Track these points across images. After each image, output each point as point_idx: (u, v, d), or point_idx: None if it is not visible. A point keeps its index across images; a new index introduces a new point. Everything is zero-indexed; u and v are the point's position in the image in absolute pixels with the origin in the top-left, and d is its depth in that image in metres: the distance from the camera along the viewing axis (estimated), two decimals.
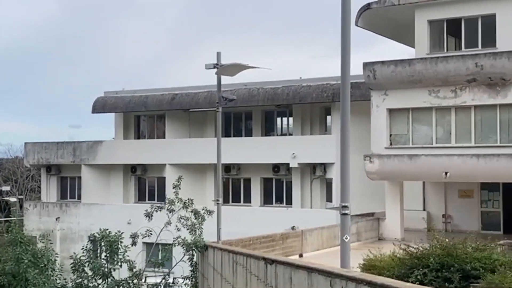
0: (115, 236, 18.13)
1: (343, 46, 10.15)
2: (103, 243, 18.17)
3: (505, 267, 11.40)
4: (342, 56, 10.23)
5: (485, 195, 26.32)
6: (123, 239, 18.24)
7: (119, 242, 18.08)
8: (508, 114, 21.73)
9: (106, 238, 18.07)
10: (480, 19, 25.75)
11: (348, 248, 10.08)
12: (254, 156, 30.82)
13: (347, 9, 10.04)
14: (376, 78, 23.45)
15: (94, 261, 18.08)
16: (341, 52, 10.24)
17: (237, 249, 15.36)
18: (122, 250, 18.11)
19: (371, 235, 24.07)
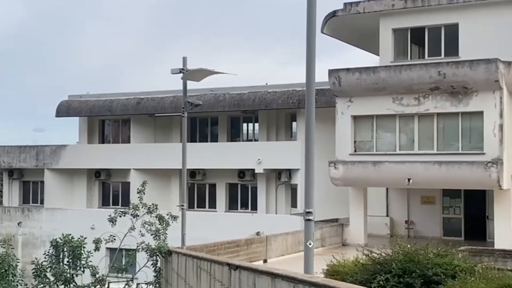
0: (78, 241, 17.93)
1: (309, 53, 10.23)
2: (66, 248, 17.94)
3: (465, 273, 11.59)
4: (307, 63, 10.32)
5: (447, 201, 26.73)
6: (86, 244, 18.04)
7: (82, 247, 17.87)
8: (470, 122, 22.13)
9: (68, 243, 17.86)
10: (443, 28, 26.25)
11: (311, 254, 10.15)
12: (220, 161, 30.80)
13: (312, 17, 10.13)
14: (341, 85, 23.67)
15: (56, 267, 17.84)
16: (306, 59, 10.33)
17: (201, 255, 15.32)
18: (85, 255, 17.90)
19: (335, 240, 24.24)
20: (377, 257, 12.87)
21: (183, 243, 17.71)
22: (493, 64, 21.18)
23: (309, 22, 10.16)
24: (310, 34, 10.18)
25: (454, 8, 25.74)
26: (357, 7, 27.31)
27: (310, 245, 10.07)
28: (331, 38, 30.25)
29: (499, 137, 21.16)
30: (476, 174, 21.30)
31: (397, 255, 12.56)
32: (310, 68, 10.27)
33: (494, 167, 20.93)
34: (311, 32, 10.17)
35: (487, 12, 25.27)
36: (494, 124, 21.26)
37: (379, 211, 27.16)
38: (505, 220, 21.75)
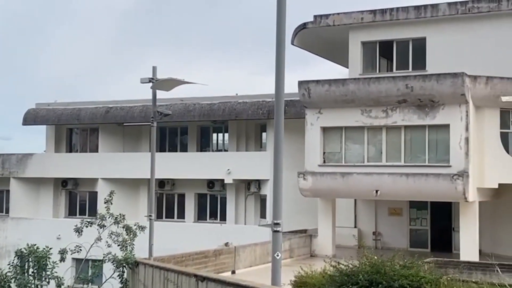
0: (43, 251, 17.64)
1: (278, 64, 10.29)
2: (31, 258, 17.63)
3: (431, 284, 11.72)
4: (276, 74, 10.37)
5: (413, 213, 27.02)
6: (51, 255, 17.77)
7: (48, 258, 17.59)
8: (436, 135, 22.43)
9: (34, 253, 17.55)
10: (411, 42, 26.67)
11: (279, 265, 10.16)
12: (189, 171, 30.68)
13: (282, 28, 10.20)
14: (311, 97, 23.81)
15: (21, 277, 17.51)
16: (275, 70, 10.38)
17: (168, 266, 15.23)
18: (50, 266, 17.62)
19: (303, 251, 24.29)
20: (344, 269, 12.93)
21: (150, 254, 17.56)
22: (459, 78, 21.52)
23: (278, 34, 10.22)
24: (279, 45, 10.24)
25: (421, 22, 26.20)
26: (327, 19, 27.60)
27: (277, 256, 10.08)
28: (301, 49, 30.51)
29: (465, 150, 21.48)
30: (442, 186, 21.57)
31: (364, 266, 12.64)
32: (279, 80, 10.33)
33: (460, 179, 21.22)
34: (280, 43, 10.23)
35: (454, 27, 25.77)
36: (460, 137, 21.58)
37: (347, 222, 27.32)
38: (470, 232, 22.03)
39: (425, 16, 26.03)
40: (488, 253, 22.88)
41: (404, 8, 26.33)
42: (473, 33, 25.56)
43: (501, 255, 22.84)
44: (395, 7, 26.47)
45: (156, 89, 17.93)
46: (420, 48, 26.48)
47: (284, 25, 10.20)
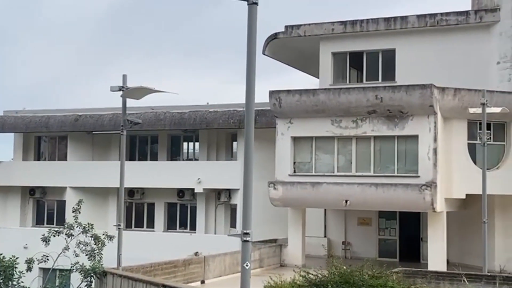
0: (9, 261, 17.41)
1: (248, 74, 10.27)
2: None
3: None
4: (247, 84, 10.35)
5: (382, 223, 27.23)
6: (18, 264, 17.50)
7: (14, 267, 17.33)
8: (405, 145, 22.65)
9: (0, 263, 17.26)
10: (381, 53, 26.99)
11: (248, 275, 10.11)
12: (159, 180, 30.50)
13: (253, 38, 10.19)
14: (282, 107, 23.88)
15: None
16: (246, 80, 10.36)
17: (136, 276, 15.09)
18: (16, 275, 17.37)
19: (273, 261, 24.27)
20: (313, 278, 12.95)
21: (118, 263, 17.38)
22: (428, 89, 21.80)
23: (249, 44, 10.21)
24: (250, 55, 10.23)
25: (391, 34, 26.53)
26: (298, 30, 27.79)
27: (247, 266, 10.02)
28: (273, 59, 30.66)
29: (433, 161, 21.73)
30: (411, 197, 21.77)
31: (333, 276, 12.68)
32: (250, 89, 10.31)
33: (428, 190, 21.45)
34: (251, 53, 10.23)
35: (423, 39, 26.16)
36: (428, 147, 21.83)
37: (317, 232, 27.40)
38: (438, 242, 22.25)
39: (394, 28, 26.38)
40: (455, 263, 23.17)
41: (374, 20, 26.65)
42: (441, 45, 25.97)
43: (468, 265, 23.16)
44: (366, 18, 26.78)
45: (126, 98, 17.81)
46: (389, 59, 26.81)
47: (255, 35, 10.20)
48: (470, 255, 23.97)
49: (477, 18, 25.33)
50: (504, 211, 23.95)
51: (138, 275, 16.10)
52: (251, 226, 10.11)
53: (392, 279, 13.25)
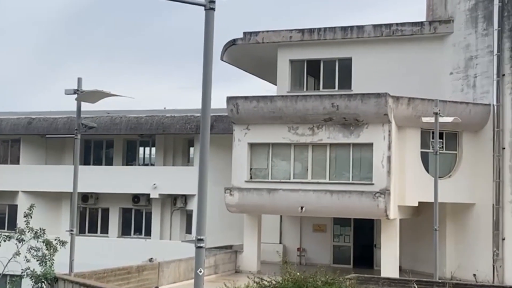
0: None
1: (205, 79, 10.25)
2: None
3: None
4: (203, 89, 10.32)
5: (337, 229, 27.46)
6: None
7: None
8: (360, 153, 22.91)
9: None
10: (338, 61, 27.30)
11: (202, 282, 10.07)
12: (114, 185, 30.17)
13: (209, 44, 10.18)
14: (239, 113, 23.90)
15: None
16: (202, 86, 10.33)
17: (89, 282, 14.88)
18: None
19: (228, 267, 24.22)
20: (267, 285, 12.97)
21: (71, 269, 17.11)
22: (382, 98, 22.11)
23: (206, 50, 10.20)
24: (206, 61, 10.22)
25: (348, 43, 26.87)
26: (256, 37, 27.90)
27: (200, 273, 9.99)
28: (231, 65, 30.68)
29: (387, 169, 22.03)
30: (365, 204, 22.02)
31: (287, 282, 12.72)
32: (206, 95, 10.29)
33: (382, 197, 21.73)
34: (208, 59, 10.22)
35: (379, 48, 26.56)
36: (382, 155, 22.13)
37: (272, 238, 27.45)
38: (391, 249, 22.54)
39: (351, 37, 26.71)
40: (408, 269, 23.49)
41: (331, 29, 26.94)
42: (397, 54, 26.40)
43: (420, 272, 23.52)
44: (323, 27, 27.05)
45: (81, 101, 17.57)
46: (346, 67, 27.13)
47: (211, 41, 10.19)
48: (422, 262, 24.36)
49: (431, 29, 25.85)
50: (456, 218, 24.43)
51: (90, 281, 15.86)
52: (205, 232, 10.09)
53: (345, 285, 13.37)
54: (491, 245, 23.11)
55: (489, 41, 24.09)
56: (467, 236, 24.07)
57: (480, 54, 24.41)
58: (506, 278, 22.59)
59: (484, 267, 23.07)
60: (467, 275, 23.07)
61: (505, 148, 23.33)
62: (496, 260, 22.96)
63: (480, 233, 23.62)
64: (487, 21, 24.30)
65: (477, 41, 24.56)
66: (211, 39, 10.21)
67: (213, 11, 10.03)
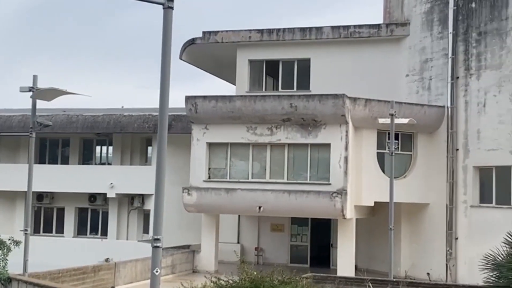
0: None
1: (163, 78, 10.20)
2: None
3: None
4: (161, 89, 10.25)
5: (294, 229, 27.65)
6: None
7: None
8: (318, 154, 23.12)
9: None
10: (296, 62, 27.50)
11: (158, 282, 10.01)
12: (70, 184, 29.76)
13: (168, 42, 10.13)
14: (198, 112, 23.84)
15: None
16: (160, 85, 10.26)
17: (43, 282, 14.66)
18: None
19: (185, 267, 24.14)
20: (224, 284, 12.98)
21: (25, 269, 16.82)
22: (340, 99, 22.36)
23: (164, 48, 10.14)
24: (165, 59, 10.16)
25: (306, 44, 27.08)
26: (216, 36, 27.89)
27: (157, 272, 9.93)
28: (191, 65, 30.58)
29: (344, 169, 22.28)
30: (322, 204, 22.22)
31: (244, 282, 12.74)
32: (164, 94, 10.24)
33: (338, 197, 21.96)
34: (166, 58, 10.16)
35: (337, 50, 26.85)
36: (340, 156, 22.37)
37: (230, 238, 27.48)
38: (347, 248, 22.82)
39: (310, 38, 26.93)
40: (363, 268, 23.80)
41: (290, 29, 27.11)
42: (354, 56, 26.73)
43: (375, 271, 23.89)
44: (282, 28, 27.19)
45: (36, 99, 17.28)
46: (304, 68, 27.34)
47: (170, 40, 10.14)
48: (378, 261, 24.73)
49: (388, 31, 26.25)
50: (410, 218, 24.86)
51: (45, 281, 15.63)
52: (162, 232, 10.04)
53: (302, 285, 13.46)
54: (445, 244, 23.60)
55: (444, 44, 24.59)
56: (422, 236, 24.53)
57: (435, 57, 24.90)
58: (459, 276, 23.09)
59: (438, 266, 23.55)
60: (421, 274, 23.52)
61: (458, 149, 23.84)
62: (449, 259, 23.46)
63: (434, 232, 24.09)
64: (442, 24, 24.79)
65: (433, 44, 25.05)
66: (169, 38, 10.15)
67: (171, 10, 9.98)
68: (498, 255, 10.42)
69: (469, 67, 23.73)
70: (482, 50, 23.39)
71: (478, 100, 23.40)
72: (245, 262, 14.54)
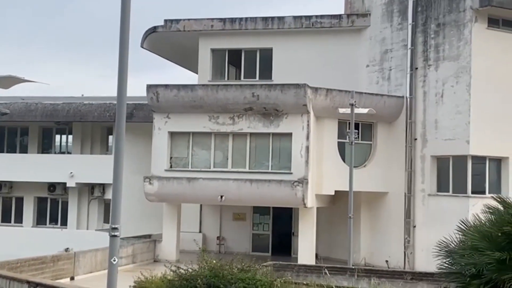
0: None
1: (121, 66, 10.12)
2: None
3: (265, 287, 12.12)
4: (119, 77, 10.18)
5: (256, 218, 27.76)
6: None
7: None
8: (280, 143, 23.24)
9: None
10: (259, 52, 27.53)
11: (116, 271, 9.98)
12: (28, 174, 29.33)
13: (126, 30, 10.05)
14: (159, 101, 23.69)
15: None
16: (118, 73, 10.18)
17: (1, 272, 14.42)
18: None
19: (147, 257, 24.06)
20: (184, 273, 13.00)
21: None
22: (302, 89, 22.47)
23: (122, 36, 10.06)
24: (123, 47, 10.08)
25: (268, 34, 27.11)
26: (177, 24, 27.71)
27: (114, 261, 9.90)
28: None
29: (305, 158, 22.45)
30: (284, 193, 22.36)
31: (203, 270, 12.79)
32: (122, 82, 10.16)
33: (300, 186, 22.13)
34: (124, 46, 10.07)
35: (299, 40, 26.94)
36: (301, 145, 22.52)
37: (192, 227, 27.45)
38: (308, 237, 23.04)
39: (272, 27, 26.97)
40: (324, 256, 24.08)
41: (252, 19, 27.10)
42: (316, 46, 26.86)
43: (336, 259, 24.20)
44: (244, 17, 27.15)
45: None
46: (267, 58, 27.38)
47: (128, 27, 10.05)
48: (338, 249, 25.02)
49: (349, 22, 26.44)
50: (370, 207, 25.21)
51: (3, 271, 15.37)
52: (120, 221, 10.00)
53: (261, 272, 13.56)
54: (403, 232, 24.00)
55: (403, 35, 24.89)
56: (381, 224, 24.89)
57: (395, 47, 25.20)
58: (417, 264, 23.52)
59: (396, 254, 23.96)
60: (380, 262, 23.91)
61: (416, 139, 24.23)
62: (407, 247, 23.88)
63: (392, 221, 24.47)
64: (402, 16, 25.08)
65: (392, 35, 25.34)
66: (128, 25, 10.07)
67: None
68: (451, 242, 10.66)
69: (428, 58, 24.08)
70: (441, 41, 23.77)
71: (436, 91, 23.79)
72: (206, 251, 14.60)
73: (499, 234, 9.74)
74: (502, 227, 9.68)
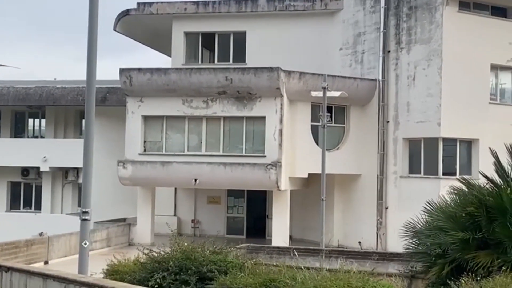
0: None
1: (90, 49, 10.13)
2: None
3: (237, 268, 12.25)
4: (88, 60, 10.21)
5: (231, 201, 27.91)
6: None
7: None
8: (253, 126, 23.33)
9: None
10: (232, 35, 27.50)
11: (87, 254, 10.06)
12: (2, 158, 29.11)
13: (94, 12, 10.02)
14: (132, 85, 23.61)
15: None
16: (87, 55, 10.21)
17: None
18: None
19: (121, 240, 24.09)
20: (156, 256, 13.07)
21: None
22: (275, 72, 22.55)
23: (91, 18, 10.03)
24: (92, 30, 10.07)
25: (242, 17, 27.09)
26: (150, 8, 27.55)
27: (85, 245, 9.97)
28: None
29: (278, 141, 22.59)
30: (258, 176, 22.51)
31: (175, 253, 12.87)
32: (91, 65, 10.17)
33: (273, 169, 22.28)
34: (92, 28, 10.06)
35: (272, 23, 26.97)
36: (274, 128, 22.65)
37: (167, 210, 27.51)
38: (281, 219, 23.24)
39: (245, 10, 26.94)
40: (298, 239, 24.33)
41: (226, 2, 27.03)
42: (290, 29, 26.91)
43: (309, 240, 24.46)
44: (218, 0, 27.07)
45: None
46: (240, 41, 27.37)
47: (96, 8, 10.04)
48: (311, 231, 25.24)
49: (322, 5, 26.49)
50: (343, 189, 25.47)
51: None
52: (91, 205, 10.05)
53: (233, 254, 13.68)
54: (375, 214, 24.31)
55: (376, 18, 25.02)
56: (353, 206, 25.19)
57: (367, 30, 25.34)
58: (389, 245, 23.86)
59: (369, 235, 24.28)
60: (353, 243, 24.23)
61: (389, 121, 24.46)
62: (380, 228, 24.20)
63: (365, 202, 24.76)
64: None
65: (365, 18, 25.46)
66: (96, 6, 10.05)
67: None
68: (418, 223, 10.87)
69: (400, 41, 24.27)
70: (413, 25, 23.95)
71: (408, 74, 24.01)
72: (181, 234, 14.69)
73: (463, 214, 9.97)
74: (466, 207, 9.90)
